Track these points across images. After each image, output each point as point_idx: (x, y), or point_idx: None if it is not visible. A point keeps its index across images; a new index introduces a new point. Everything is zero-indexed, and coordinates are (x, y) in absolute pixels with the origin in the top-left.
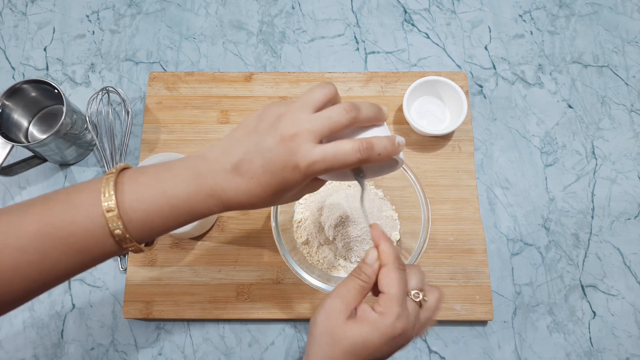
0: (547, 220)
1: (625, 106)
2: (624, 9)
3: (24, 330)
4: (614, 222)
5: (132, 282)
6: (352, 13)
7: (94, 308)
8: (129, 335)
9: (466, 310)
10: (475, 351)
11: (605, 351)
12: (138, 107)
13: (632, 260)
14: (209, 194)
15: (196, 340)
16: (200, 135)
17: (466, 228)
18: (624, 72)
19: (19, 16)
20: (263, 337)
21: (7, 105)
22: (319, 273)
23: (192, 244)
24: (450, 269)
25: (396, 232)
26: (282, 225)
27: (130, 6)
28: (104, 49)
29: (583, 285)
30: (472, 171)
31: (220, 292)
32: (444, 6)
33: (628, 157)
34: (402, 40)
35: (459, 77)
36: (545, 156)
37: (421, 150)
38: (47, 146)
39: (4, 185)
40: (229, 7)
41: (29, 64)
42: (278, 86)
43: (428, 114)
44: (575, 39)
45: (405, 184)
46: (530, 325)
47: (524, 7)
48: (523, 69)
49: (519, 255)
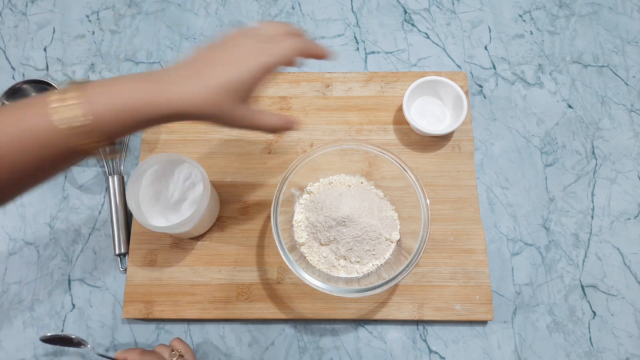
0: (547, 220)
1: (625, 106)
2: (624, 9)
3: (24, 330)
4: (614, 222)
5: (132, 282)
6: (352, 13)
7: (94, 308)
8: (129, 335)
9: (466, 310)
10: (475, 351)
11: (605, 351)
12: None
13: (632, 260)
14: (163, 87)
15: (196, 340)
16: (200, 135)
17: (466, 228)
18: (624, 72)
19: (19, 16)
20: (263, 337)
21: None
22: (319, 273)
23: (192, 244)
24: (450, 269)
25: (396, 232)
26: (282, 225)
27: (130, 6)
28: (104, 49)
29: (583, 285)
30: (472, 171)
31: (220, 292)
32: (444, 6)
33: (628, 157)
34: (402, 40)
35: (459, 77)
36: (545, 156)
37: (421, 150)
38: None
39: None
40: (229, 7)
41: (29, 64)
42: (278, 86)
43: (428, 114)
44: (575, 39)
45: (405, 184)
46: (530, 325)
47: (524, 7)
48: (523, 69)
49: (519, 255)
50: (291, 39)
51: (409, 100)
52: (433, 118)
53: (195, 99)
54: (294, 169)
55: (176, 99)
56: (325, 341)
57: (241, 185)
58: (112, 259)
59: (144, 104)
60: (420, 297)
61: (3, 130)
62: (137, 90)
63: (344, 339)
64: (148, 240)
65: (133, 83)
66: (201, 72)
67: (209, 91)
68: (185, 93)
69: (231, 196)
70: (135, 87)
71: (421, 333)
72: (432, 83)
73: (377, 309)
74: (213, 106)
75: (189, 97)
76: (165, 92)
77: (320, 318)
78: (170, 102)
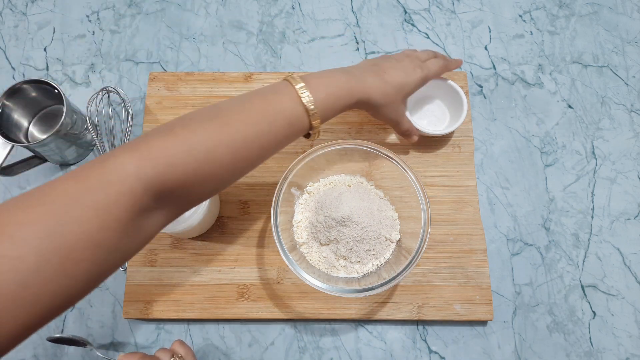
0: (547, 220)
1: (625, 106)
2: (624, 9)
3: None
4: (614, 222)
5: (132, 282)
6: (352, 13)
7: (94, 308)
8: (129, 335)
9: (466, 310)
10: (475, 351)
11: (605, 351)
12: (138, 107)
13: (632, 260)
14: (359, 81)
15: (196, 340)
16: None
17: (466, 228)
18: (624, 72)
19: (19, 16)
20: (263, 337)
21: (7, 105)
22: (319, 273)
23: (192, 244)
24: (450, 269)
25: (396, 232)
26: (282, 225)
27: (130, 6)
28: (104, 49)
29: (583, 285)
30: (472, 171)
31: (220, 292)
32: (444, 6)
33: (628, 157)
34: (402, 40)
35: (459, 77)
36: (545, 156)
37: (421, 150)
38: (47, 146)
39: (4, 185)
40: (229, 7)
41: (29, 64)
42: None
43: (428, 114)
44: (575, 39)
45: (405, 184)
46: (530, 325)
47: (524, 7)
48: (523, 69)
49: (519, 255)
50: (437, 60)
51: (409, 101)
52: (433, 118)
53: (379, 91)
54: (294, 169)
55: (367, 89)
56: (325, 341)
57: (241, 185)
58: None
59: (347, 93)
60: (420, 297)
61: (260, 112)
62: (344, 83)
63: (344, 339)
64: None
65: (339, 77)
66: (383, 74)
67: (389, 87)
68: (374, 86)
69: (231, 196)
70: (342, 80)
71: (421, 333)
72: (432, 83)
73: (377, 309)
74: (388, 97)
75: (376, 89)
76: (361, 84)
77: (320, 318)
78: (362, 91)
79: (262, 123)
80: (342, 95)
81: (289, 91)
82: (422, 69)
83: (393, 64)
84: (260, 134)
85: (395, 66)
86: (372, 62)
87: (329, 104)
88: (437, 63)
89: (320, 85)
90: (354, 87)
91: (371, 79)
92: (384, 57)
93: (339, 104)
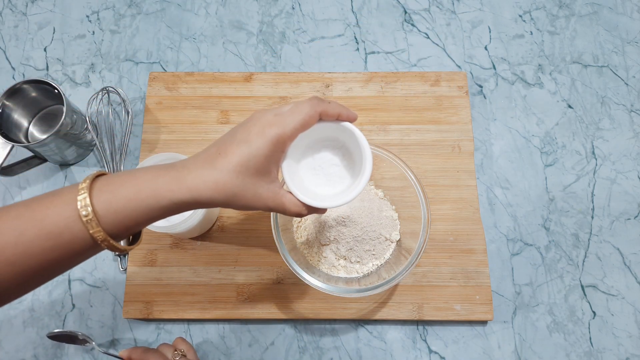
0: (547, 220)
1: (625, 106)
2: (624, 9)
3: (24, 330)
4: (614, 222)
5: (132, 282)
6: (352, 13)
7: (94, 308)
8: (129, 336)
9: (466, 310)
10: (475, 351)
11: (605, 351)
12: (138, 107)
13: (632, 260)
14: (173, 177)
15: (196, 341)
16: (200, 135)
17: (466, 228)
18: (624, 72)
19: (19, 16)
20: (263, 337)
21: (7, 105)
22: (319, 273)
23: (192, 244)
24: (450, 269)
25: (396, 232)
26: (282, 225)
27: (130, 6)
28: (104, 49)
29: (583, 285)
30: (472, 171)
31: (220, 292)
32: (444, 6)
33: (628, 157)
34: (402, 40)
35: (459, 77)
36: (545, 156)
37: (421, 150)
38: (47, 146)
39: (4, 185)
40: (229, 8)
41: (29, 64)
42: (278, 86)
43: (323, 168)
44: (575, 39)
45: (405, 184)
46: (530, 325)
47: (524, 7)
48: (523, 69)
49: (519, 255)
50: (307, 102)
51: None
52: (333, 171)
53: (211, 185)
54: None
55: (189, 186)
56: (325, 341)
57: None
58: (112, 259)
59: (151, 195)
60: (420, 297)
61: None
62: (147, 181)
63: (344, 339)
64: (148, 240)
65: (144, 175)
66: (218, 157)
67: (224, 175)
68: (200, 181)
69: None
70: (145, 177)
71: (421, 333)
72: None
73: (377, 309)
74: (228, 189)
75: (204, 183)
76: (176, 182)
77: (320, 318)
78: (179, 191)
79: (12, 233)
80: (142, 197)
81: (68, 192)
82: (277, 125)
83: (236, 134)
84: (6, 247)
85: (236, 137)
86: (216, 143)
87: (121, 210)
88: (304, 108)
89: (115, 185)
90: (162, 187)
91: (197, 172)
92: (233, 129)
93: (140, 209)
